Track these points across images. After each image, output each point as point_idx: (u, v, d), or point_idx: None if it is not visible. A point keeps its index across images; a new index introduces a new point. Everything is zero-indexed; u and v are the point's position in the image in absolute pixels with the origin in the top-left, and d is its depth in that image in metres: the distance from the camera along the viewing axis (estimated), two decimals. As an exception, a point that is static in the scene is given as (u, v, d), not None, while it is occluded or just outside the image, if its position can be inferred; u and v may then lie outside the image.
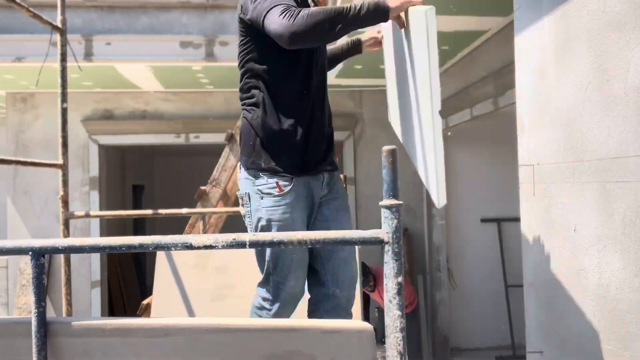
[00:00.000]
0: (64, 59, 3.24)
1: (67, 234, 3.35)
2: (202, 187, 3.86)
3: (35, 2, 4.61)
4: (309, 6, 1.72)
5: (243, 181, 1.77)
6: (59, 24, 3.22)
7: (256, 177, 1.72)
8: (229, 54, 4.80)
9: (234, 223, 3.98)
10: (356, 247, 2.53)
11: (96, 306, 6.21)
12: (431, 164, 1.51)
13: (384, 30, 2.03)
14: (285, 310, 1.83)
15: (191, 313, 2.74)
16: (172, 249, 0.99)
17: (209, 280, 2.75)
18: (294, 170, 1.70)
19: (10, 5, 2.94)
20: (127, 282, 8.68)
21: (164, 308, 2.75)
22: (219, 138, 2.03)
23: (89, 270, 6.21)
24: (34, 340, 0.99)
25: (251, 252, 2.67)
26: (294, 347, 1.02)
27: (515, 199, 2.17)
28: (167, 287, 2.79)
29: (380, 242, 0.98)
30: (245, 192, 1.75)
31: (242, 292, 2.70)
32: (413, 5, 1.57)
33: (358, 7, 1.54)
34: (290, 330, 1.05)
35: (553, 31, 1.88)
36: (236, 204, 3.95)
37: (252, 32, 1.71)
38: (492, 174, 6.39)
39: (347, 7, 1.53)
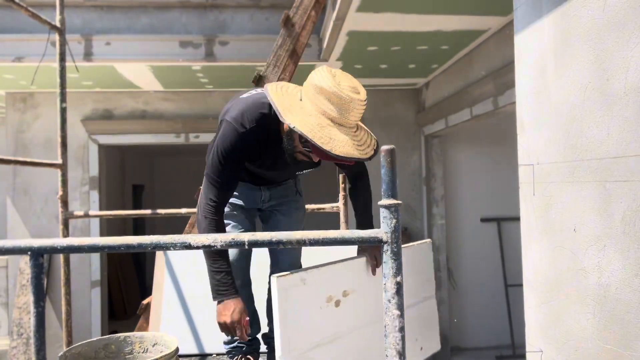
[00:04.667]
0: (62, 58, 3.23)
1: (66, 233, 3.35)
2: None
3: (34, 2, 4.61)
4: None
5: None
6: (58, 24, 3.22)
7: None
8: (229, 54, 4.81)
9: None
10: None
11: (96, 306, 6.21)
12: None
13: None
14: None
15: (191, 312, 2.74)
16: (171, 248, 0.99)
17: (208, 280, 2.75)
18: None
19: (9, 5, 2.94)
20: (127, 282, 8.68)
21: (164, 308, 2.75)
22: (218, 138, 2.08)
23: (89, 270, 6.20)
24: (33, 340, 0.99)
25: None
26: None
27: (515, 198, 2.17)
28: (167, 286, 2.78)
29: (379, 242, 0.97)
30: None
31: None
32: (232, 334, 1.94)
33: (213, 271, 2.00)
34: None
35: (553, 31, 1.87)
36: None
37: None
38: (492, 174, 6.39)
39: (211, 261, 1.99)
